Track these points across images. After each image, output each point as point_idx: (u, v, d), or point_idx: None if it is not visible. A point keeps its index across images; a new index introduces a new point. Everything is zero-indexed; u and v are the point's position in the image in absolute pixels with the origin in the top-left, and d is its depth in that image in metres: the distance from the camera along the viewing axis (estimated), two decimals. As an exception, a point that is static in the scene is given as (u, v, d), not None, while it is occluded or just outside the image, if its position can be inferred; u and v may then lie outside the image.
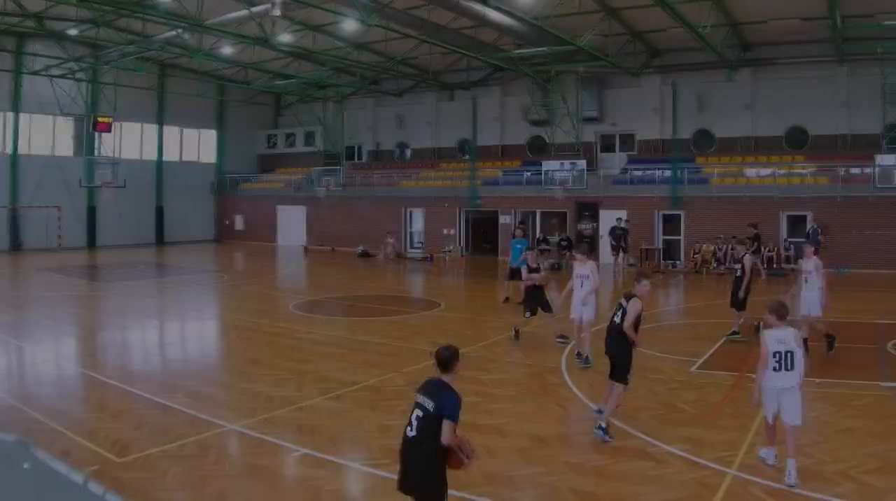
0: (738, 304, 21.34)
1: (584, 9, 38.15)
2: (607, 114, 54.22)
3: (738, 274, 21.76)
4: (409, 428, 8.24)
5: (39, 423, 13.07)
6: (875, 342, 20.72)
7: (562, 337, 20.46)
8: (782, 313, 11.06)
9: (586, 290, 18.18)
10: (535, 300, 20.88)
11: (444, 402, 8.21)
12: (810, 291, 19.04)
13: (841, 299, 30.50)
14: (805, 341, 18.51)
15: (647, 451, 11.89)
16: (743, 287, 21.37)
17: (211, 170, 68.73)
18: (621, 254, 42.77)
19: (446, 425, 8.04)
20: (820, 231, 40.78)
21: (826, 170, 43.83)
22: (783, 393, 10.95)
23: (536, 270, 21.08)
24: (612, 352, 13.27)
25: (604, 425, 12.60)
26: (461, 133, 60.27)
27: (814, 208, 42.31)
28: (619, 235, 42.97)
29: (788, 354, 10.88)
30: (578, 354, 18.09)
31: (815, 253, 19.86)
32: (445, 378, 8.64)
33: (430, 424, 8.14)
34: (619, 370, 13.09)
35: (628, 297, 12.83)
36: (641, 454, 11.79)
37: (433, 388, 8.47)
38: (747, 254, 22.50)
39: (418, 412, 8.26)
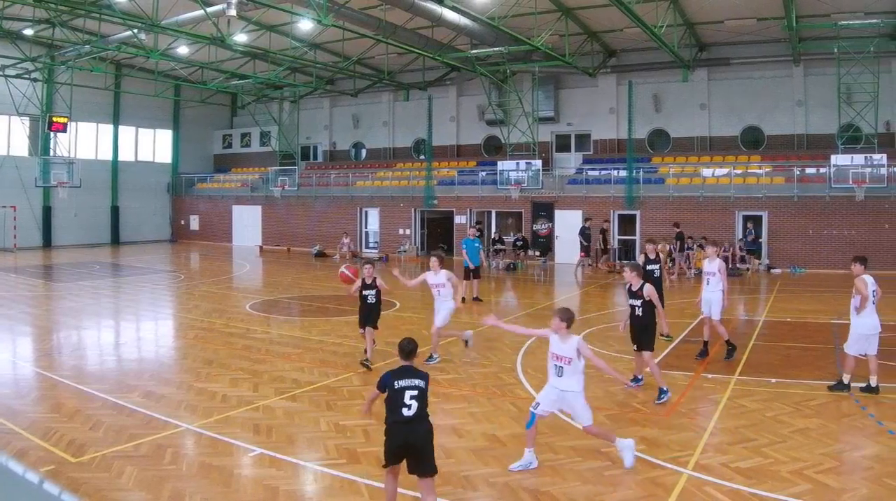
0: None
1: (540, 9, 38.25)
2: (563, 114, 54.52)
3: (657, 274, 21.85)
4: (405, 410, 9.21)
5: (-6, 424, 12.97)
6: (831, 342, 20.79)
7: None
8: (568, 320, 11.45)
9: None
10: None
11: (427, 381, 9.47)
12: (712, 292, 18.99)
13: (796, 299, 30.91)
14: (705, 344, 18.87)
15: (602, 451, 11.89)
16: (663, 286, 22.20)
17: (166, 170, 68.55)
18: (607, 255, 43.01)
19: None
20: (753, 231, 41.20)
21: (782, 170, 44.24)
22: (562, 395, 11.40)
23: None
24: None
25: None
26: (417, 133, 60.43)
27: (769, 208, 42.67)
28: (588, 235, 43.05)
29: (566, 360, 11.31)
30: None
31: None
32: (408, 363, 9.70)
33: (426, 400, 9.37)
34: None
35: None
36: (597, 454, 11.81)
37: (412, 371, 9.56)
38: (661, 254, 22.96)
39: (412, 392, 9.25)
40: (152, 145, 67.67)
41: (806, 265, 41.35)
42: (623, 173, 47.42)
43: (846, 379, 15.64)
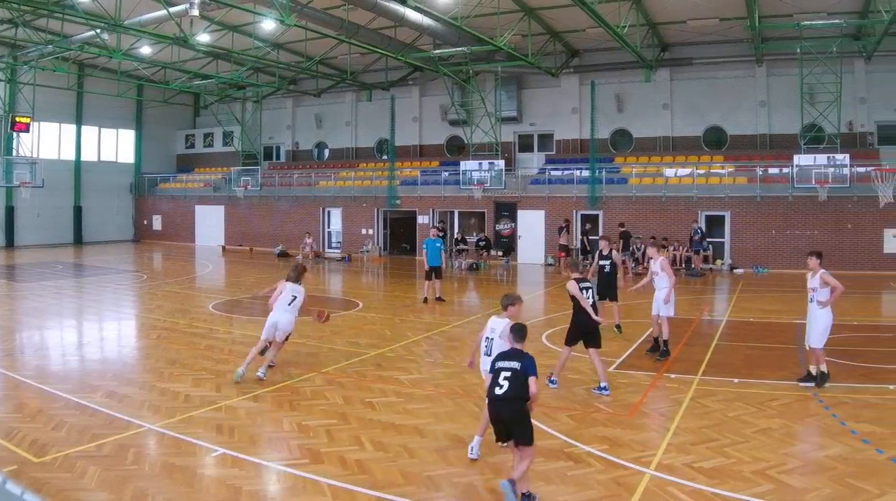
0: (611, 294, 22.85)
1: (502, 9, 38.34)
2: (526, 115, 54.73)
3: (608, 269, 22.97)
4: (497, 389, 10.20)
5: (-44, 424, 12.91)
6: (793, 342, 20.91)
7: None
8: (505, 304, 12.36)
9: None
10: None
11: (528, 363, 10.33)
12: (659, 291, 19.44)
13: (759, 299, 31.06)
14: (666, 342, 19.23)
15: (565, 451, 11.97)
16: (617, 280, 23.23)
17: (129, 170, 68.26)
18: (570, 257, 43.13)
19: (532, 380, 10.15)
20: (701, 232, 41.37)
21: (744, 170, 44.47)
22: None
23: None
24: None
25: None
26: (380, 133, 60.43)
27: (732, 208, 42.92)
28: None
29: (491, 341, 12.04)
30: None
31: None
32: (519, 346, 10.69)
33: (519, 381, 10.16)
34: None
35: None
36: (560, 454, 11.85)
37: (514, 354, 10.55)
38: (614, 251, 23.48)
39: (506, 373, 10.24)
40: (115, 145, 67.36)
41: (769, 265, 41.58)
42: (586, 173, 47.54)
43: (813, 370, 16.05)
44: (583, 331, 16.21)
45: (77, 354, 20.25)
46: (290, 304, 17.20)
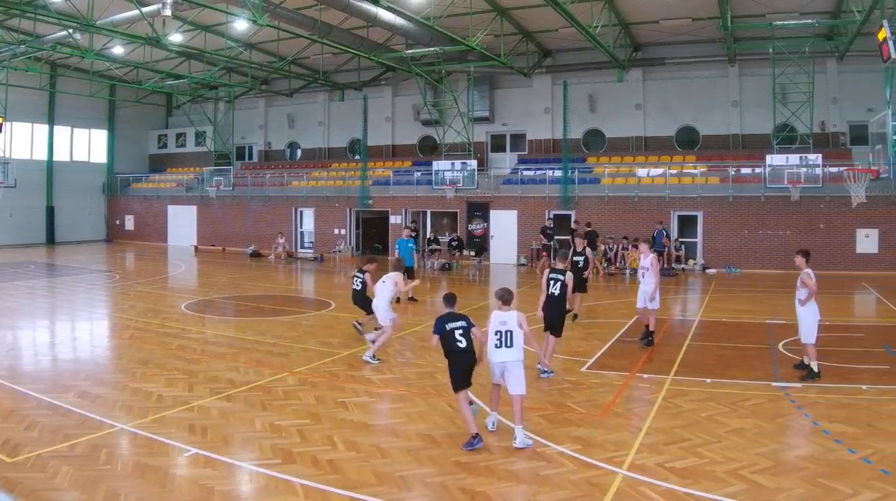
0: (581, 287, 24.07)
1: (475, 9, 38.29)
2: (498, 115, 54.76)
3: (581, 264, 24.39)
4: (458, 343, 12.75)
5: (-72, 424, 12.89)
6: (766, 342, 21.02)
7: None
8: (507, 299, 13.23)
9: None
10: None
11: (469, 320, 13.06)
12: (646, 285, 20.24)
13: (731, 299, 31.16)
14: (653, 333, 20.13)
15: (537, 451, 11.99)
16: (585, 274, 24.72)
17: (102, 170, 67.95)
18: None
19: (477, 330, 13.03)
20: (665, 233, 41.45)
21: (717, 170, 44.57)
22: (507, 366, 12.74)
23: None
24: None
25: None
26: (352, 133, 60.33)
27: (705, 208, 43.02)
28: (549, 234, 43.50)
29: (508, 333, 12.72)
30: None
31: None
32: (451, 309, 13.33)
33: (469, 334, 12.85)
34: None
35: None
36: (532, 454, 11.88)
37: (457, 315, 13.15)
38: (587, 248, 24.63)
39: (460, 331, 12.82)
40: (87, 145, 67.04)
41: (741, 265, 41.72)
42: (558, 173, 47.65)
43: (809, 362, 16.69)
44: (552, 317, 17.52)
45: (50, 354, 20.21)
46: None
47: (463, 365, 12.68)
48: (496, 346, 12.74)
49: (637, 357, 18.85)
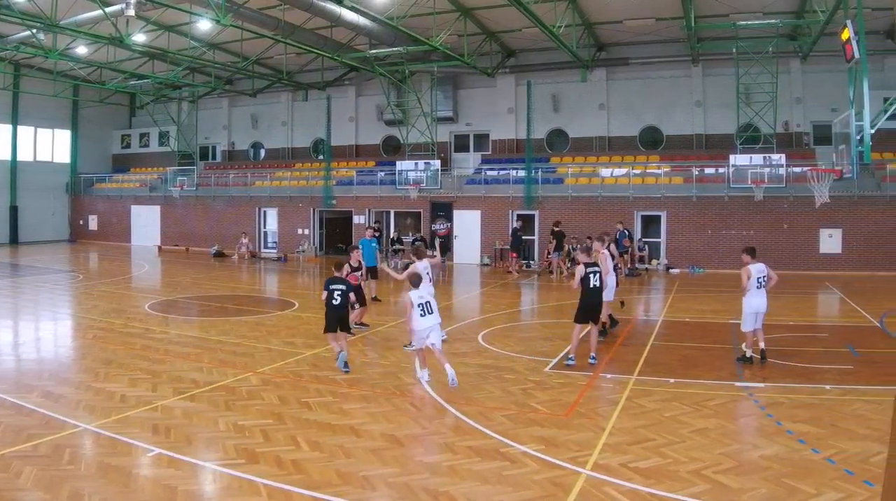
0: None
1: (438, 8, 38.39)
2: (462, 115, 54.79)
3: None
4: (336, 302, 17.48)
5: None
6: (729, 342, 20.96)
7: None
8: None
9: None
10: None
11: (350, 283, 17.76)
12: (610, 279, 21.22)
13: (695, 299, 31.31)
14: (604, 324, 20.97)
15: (501, 451, 11.96)
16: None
17: (65, 170, 67.62)
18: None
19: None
20: (628, 234, 41.54)
21: (680, 170, 44.71)
22: (431, 329, 16.05)
23: (358, 268, 22.53)
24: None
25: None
26: (316, 133, 60.23)
27: (668, 208, 43.21)
28: (519, 236, 43.66)
29: (428, 303, 16.22)
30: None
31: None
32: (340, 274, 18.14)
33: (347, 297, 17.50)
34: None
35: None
36: (496, 454, 11.85)
37: (341, 279, 17.96)
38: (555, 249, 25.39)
39: (338, 293, 17.54)
40: (51, 145, 66.72)
41: (705, 265, 41.96)
42: (522, 173, 47.75)
43: (748, 352, 17.65)
44: (588, 311, 18.25)
45: (13, 354, 20.06)
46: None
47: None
48: (421, 315, 15.96)
49: (601, 357, 18.86)
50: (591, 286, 17.94)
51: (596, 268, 18.20)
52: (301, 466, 11.19)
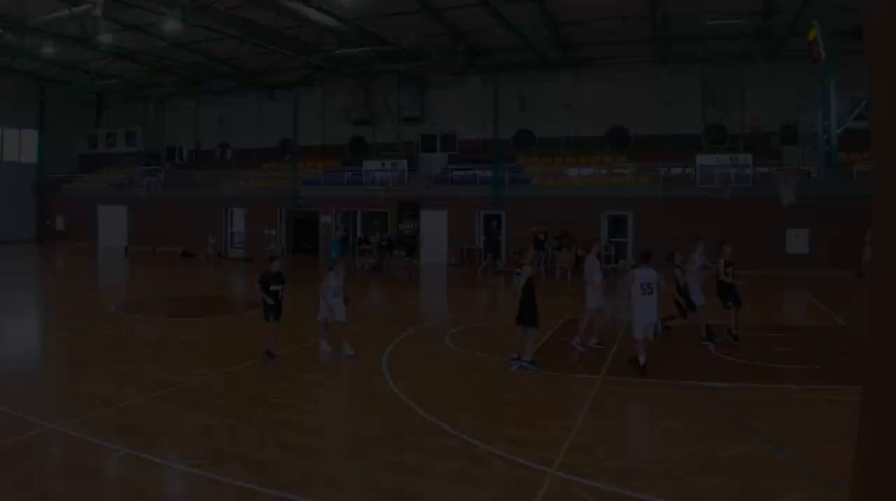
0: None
1: (405, 9, 38.46)
2: (429, 115, 54.70)
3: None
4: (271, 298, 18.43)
5: None
6: (696, 342, 20.93)
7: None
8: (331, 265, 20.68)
9: None
10: None
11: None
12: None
13: (662, 299, 31.42)
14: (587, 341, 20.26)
15: (468, 450, 11.94)
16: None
17: (31, 171, 67.12)
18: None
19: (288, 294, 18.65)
20: (545, 238, 41.64)
21: (648, 170, 44.85)
22: (335, 306, 18.67)
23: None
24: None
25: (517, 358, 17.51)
26: (283, 133, 59.87)
27: (636, 208, 43.30)
28: (542, 242, 43.47)
29: (338, 288, 18.92)
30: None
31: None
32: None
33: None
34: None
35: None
36: (462, 453, 11.83)
37: (281, 274, 18.83)
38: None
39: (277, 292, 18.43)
40: (17, 145, 66.27)
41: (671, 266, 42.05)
42: (489, 173, 47.82)
43: (641, 359, 17.18)
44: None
45: (-23, 356, 20.08)
46: None
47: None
48: (334, 295, 18.81)
49: (569, 356, 18.97)
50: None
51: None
52: (268, 466, 11.18)
